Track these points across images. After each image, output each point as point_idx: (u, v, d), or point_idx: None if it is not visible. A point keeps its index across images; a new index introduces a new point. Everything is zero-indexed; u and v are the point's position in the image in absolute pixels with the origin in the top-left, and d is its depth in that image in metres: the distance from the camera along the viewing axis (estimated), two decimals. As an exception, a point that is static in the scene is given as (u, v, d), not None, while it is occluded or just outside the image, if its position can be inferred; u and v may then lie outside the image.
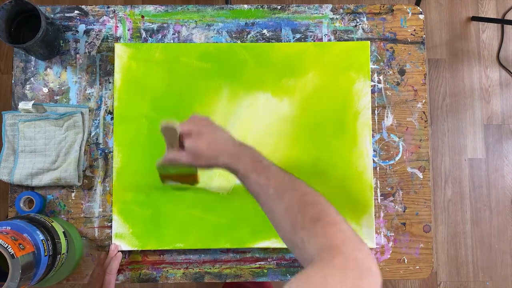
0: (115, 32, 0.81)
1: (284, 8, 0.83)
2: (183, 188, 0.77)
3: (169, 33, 0.82)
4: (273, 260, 0.79)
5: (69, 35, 0.81)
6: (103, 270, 0.73)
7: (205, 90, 0.79)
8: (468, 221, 1.58)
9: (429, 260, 0.80)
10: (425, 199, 0.80)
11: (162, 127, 0.63)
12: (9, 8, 0.71)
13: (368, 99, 0.80)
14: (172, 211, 0.77)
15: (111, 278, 0.72)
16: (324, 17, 0.83)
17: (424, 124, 0.82)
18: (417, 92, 0.82)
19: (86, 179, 0.79)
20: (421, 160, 0.81)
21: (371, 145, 0.79)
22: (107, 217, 0.78)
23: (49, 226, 0.67)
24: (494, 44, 1.65)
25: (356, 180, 0.78)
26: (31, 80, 0.80)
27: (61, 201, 0.78)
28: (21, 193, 0.77)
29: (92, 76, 0.80)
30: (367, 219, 0.78)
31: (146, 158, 0.78)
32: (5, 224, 0.62)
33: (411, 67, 0.82)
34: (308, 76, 0.80)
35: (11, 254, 0.55)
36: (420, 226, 0.80)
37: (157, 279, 0.78)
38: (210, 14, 0.82)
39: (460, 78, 1.63)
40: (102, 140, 0.79)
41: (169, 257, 0.79)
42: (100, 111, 0.80)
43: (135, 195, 0.77)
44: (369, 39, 0.82)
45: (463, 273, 1.57)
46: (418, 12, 0.83)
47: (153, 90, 0.79)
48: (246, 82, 0.79)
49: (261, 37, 0.82)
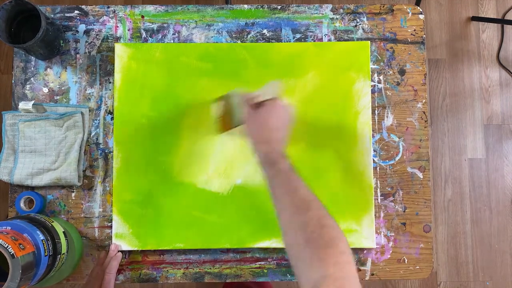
0: (115, 32, 0.81)
1: (284, 8, 0.83)
2: (184, 185, 0.77)
3: (169, 33, 0.82)
4: (273, 260, 0.79)
5: (69, 35, 0.81)
6: (103, 270, 0.73)
7: (205, 90, 0.79)
8: (468, 221, 1.58)
9: (429, 260, 0.80)
10: (425, 199, 0.80)
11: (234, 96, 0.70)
12: (9, 8, 0.71)
13: (368, 99, 0.80)
14: (172, 211, 0.77)
15: (110, 278, 0.72)
16: (324, 17, 0.83)
17: (424, 124, 0.82)
18: (417, 92, 0.82)
19: (86, 179, 0.79)
20: (421, 160, 0.81)
21: (371, 145, 0.79)
22: (107, 217, 0.78)
23: (49, 226, 0.67)
24: (494, 44, 1.65)
25: (356, 180, 0.78)
26: (31, 80, 0.80)
27: (61, 201, 0.78)
28: (21, 193, 0.77)
29: (92, 76, 0.80)
30: (367, 219, 0.78)
31: (146, 158, 0.78)
32: (5, 224, 0.62)
33: (411, 67, 0.82)
34: (308, 76, 0.80)
35: (11, 254, 0.55)
36: (420, 226, 0.80)
37: (157, 279, 0.78)
38: (210, 14, 0.82)
39: (460, 78, 1.63)
40: (102, 140, 0.79)
41: (169, 257, 0.79)
42: (100, 111, 0.80)
43: (135, 195, 0.77)
44: (369, 39, 0.82)
45: (463, 273, 1.57)
46: (418, 12, 0.83)
47: (153, 90, 0.79)
48: (246, 82, 0.79)
49: (261, 37, 0.82)
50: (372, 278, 0.79)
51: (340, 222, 0.77)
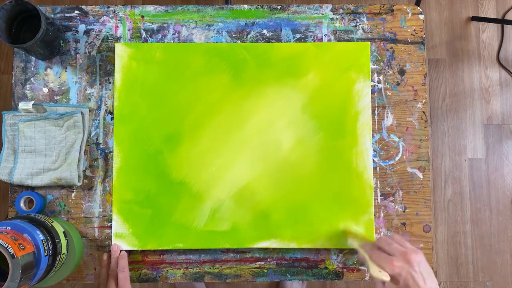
0: (115, 32, 0.81)
1: (284, 8, 0.83)
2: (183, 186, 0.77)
3: (169, 33, 0.82)
4: (273, 260, 0.79)
5: (69, 35, 0.81)
6: (112, 270, 0.73)
7: (205, 90, 0.79)
8: (468, 221, 1.58)
9: (429, 260, 0.80)
10: (425, 199, 0.80)
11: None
12: (9, 8, 0.71)
13: (368, 99, 0.80)
14: (172, 211, 0.77)
15: (126, 275, 0.72)
16: (324, 17, 0.83)
17: (424, 124, 0.82)
18: (417, 92, 0.82)
19: (86, 179, 0.79)
20: (421, 160, 0.81)
21: (371, 145, 0.79)
22: (107, 217, 0.78)
23: (49, 226, 0.67)
24: (494, 44, 1.65)
25: (356, 180, 0.78)
26: (31, 80, 0.80)
27: (61, 201, 0.78)
28: (21, 193, 0.77)
29: (92, 76, 0.80)
30: (367, 219, 0.78)
31: (146, 158, 0.78)
32: (5, 224, 0.62)
33: (411, 67, 0.82)
34: (308, 77, 0.80)
35: (11, 254, 0.55)
36: (420, 226, 0.80)
37: (157, 279, 0.78)
38: (210, 14, 0.82)
39: (460, 78, 1.63)
40: (102, 140, 0.79)
41: (169, 257, 0.79)
42: (100, 111, 0.80)
43: (135, 195, 0.77)
44: (369, 39, 0.82)
45: (463, 273, 1.57)
46: (418, 12, 0.83)
47: (153, 90, 0.79)
48: (247, 82, 0.79)
49: (261, 37, 0.82)
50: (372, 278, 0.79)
51: (340, 222, 0.77)
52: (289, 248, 0.79)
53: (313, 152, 0.79)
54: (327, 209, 0.78)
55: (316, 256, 0.79)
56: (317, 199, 0.78)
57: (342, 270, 0.79)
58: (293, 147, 0.79)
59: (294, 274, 0.79)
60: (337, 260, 0.79)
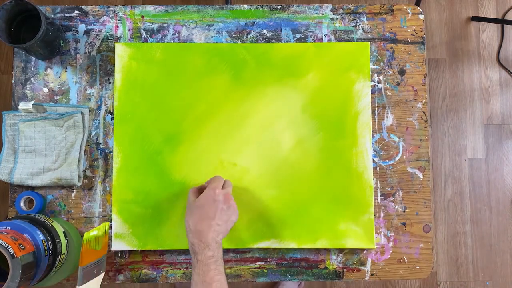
0: (115, 32, 0.81)
1: (284, 8, 0.83)
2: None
3: (169, 33, 0.82)
4: (273, 260, 0.79)
5: (69, 35, 0.81)
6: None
7: (205, 90, 0.79)
8: (468, 221, 1.58)
9: (429, 260, 0.80)
10: (425, 199, 0.80)
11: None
12: (9, 8, 0.71)
13: (368, 99, 0.80)
14: (172, 211, 0.77)
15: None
16: (324, 17, 0.83)
17: (424, 124, 0.82)
18: (417, 92, 0.82)
19: (86, 179, 0.79)
20: (421, 160, 0.81)
21: (371, 145, 0.79)
22: (107, 217, 0.78)
23: (49, 226, 0.67)
24: (494, 44, 1.65)
25: (356, 180, 0.78)
26: (31, 80, 0.80)
27: (61, 201, 0.78)
28: (21, 193, 0.77)
29: (92, 76, 0.80)
30: (367, 219, 0.78)
31: (146, 158, 0.78)
32: (5, 224, 0.62)
33: (411, 67, 0.82)
34: (308, 77, 0.80)
35: (11, 254, 0.55)
36: (420, 226, 0.80)
37: (157, 279, 0.78)
38: (210, 14, 0.82)
39: (460, 78, 1.63)
40: (102, 140, 0.79)
41: (169, 257, 0.79)
42: (100, 111, 0.80)
43: (135, 195, 0.77)
44: (369, 39, 0.82)
45: (463, 273, 1.57)
46: (418, 12, 0.83)
47: (153, 90, 0.79)
48: (247, 82, 0.79)
49: (261, 37, 0.82)
50: (372, 278, 0.79)
51: (340, 222, 0.78)
52: (289, 248, 0.79)
53: (313, 152, 0.79)
54: (327, 209, 0.78)
55: (316, 256, 0.79)
56: (317, 199, 0.78)
57: (342, 270, 0.79)
58: (293, 147, 0.79)
59: (294, 274, 0.79)
60: (337, 260, 0.79)
